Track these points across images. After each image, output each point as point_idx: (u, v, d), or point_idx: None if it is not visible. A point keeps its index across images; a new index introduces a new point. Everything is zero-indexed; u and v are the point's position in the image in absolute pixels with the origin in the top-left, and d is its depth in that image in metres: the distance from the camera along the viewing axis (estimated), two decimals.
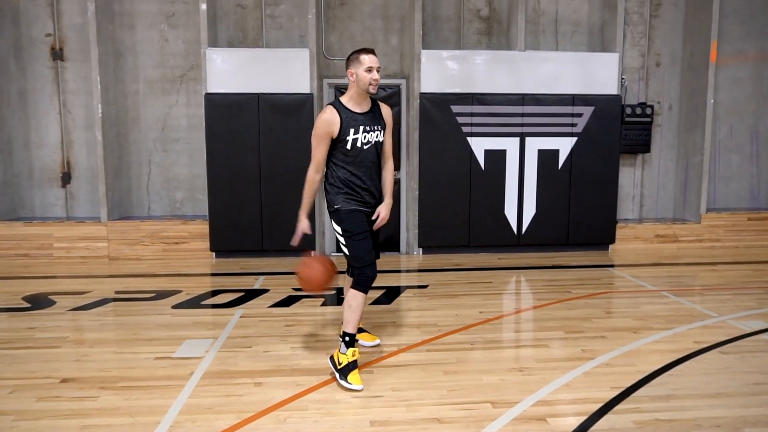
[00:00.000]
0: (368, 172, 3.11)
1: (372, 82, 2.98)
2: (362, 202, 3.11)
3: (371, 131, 3.07)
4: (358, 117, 3.03)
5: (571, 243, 6.62)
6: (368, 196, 3.13)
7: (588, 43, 6.90)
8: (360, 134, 3.03)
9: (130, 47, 6.49)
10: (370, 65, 2.98)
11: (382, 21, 6.66)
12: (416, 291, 4.90)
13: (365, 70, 2.98)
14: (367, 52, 3.00)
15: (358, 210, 3.10)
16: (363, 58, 2.98)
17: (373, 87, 3.00)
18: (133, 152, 6.66)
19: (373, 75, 2.98)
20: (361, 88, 3.00)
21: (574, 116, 6.45)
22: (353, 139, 3.01)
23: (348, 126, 3.00)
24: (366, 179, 3.10)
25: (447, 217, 6.47)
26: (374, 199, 3.18)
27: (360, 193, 3.09)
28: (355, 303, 3.04)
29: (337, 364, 2.99)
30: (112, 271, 5.84)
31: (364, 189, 3.10)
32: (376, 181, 3.19)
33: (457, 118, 6.34)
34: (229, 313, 4.26)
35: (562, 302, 4.49)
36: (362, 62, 2.98)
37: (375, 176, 3.17)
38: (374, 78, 2.98)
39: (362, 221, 3.10)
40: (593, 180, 6.54)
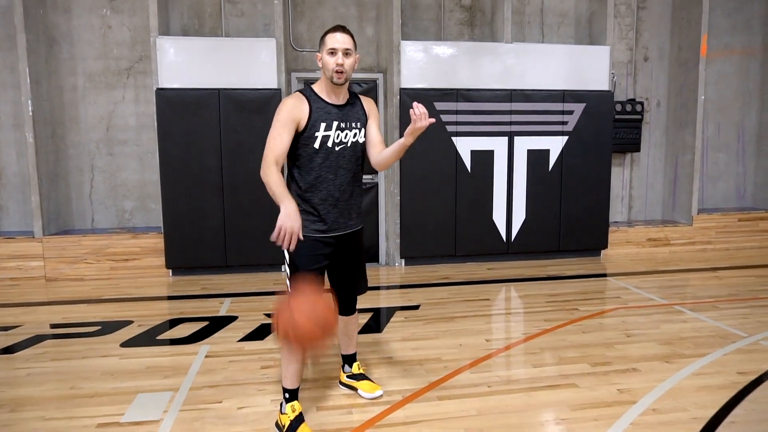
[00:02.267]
0: (340, 182, 2.46)
1: (335, 68, 2.35)
2: (326, 226, 2.46)
3: (347, 129, 2.45)
4: (331, 110, 2.42)
5: (562, 249, 6.19)
6: (336, 214, 2.47)
7: (575, 35, 6.48)
8: (332, 131, 2.40)
9: (65, 34, 5.61)
10: (333, 46, 2.36)
11: (355, 8, 6.03)
12: (408, 313, 4.32)
13: (328, 53, 2.38)
14: (333, 31, 2.40)
15: (317, 239, 2.45)
16: (326, 39, 2.39)
17: (338, 76, 2.36)
18: (72, 156, 5.78)
19: (336, 58, 2.35)
20: (327, 77, 2.41)
21: (564, 113, 6.01)
22: (323, 137, 2.39)
23: (318, 119, 2.39)
24: (336, 191, 2.45)
25: (431, 224, 5.92)
26: (347, 220, 2.53)
27: (325, 212, 2.45)
28: (287, 354, 2.45)
29: (281, 427, 2.45)
30: (49, 295, 5.00)
31: (332, 205, 2.45)
32: (350, 196, 2.51)
33: (440, 116, 5.79)
34: (192, 351, 3.56)
35: (574, 323, 4.01)
36: (325, 43, 2.39)
37: (350, 189, 2.51)
38: (337, 62, 2.34)
39: (318, 254, 2.45)
40: (585, 182, 6.13)
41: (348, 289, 2.71)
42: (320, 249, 2.48)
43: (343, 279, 2.67)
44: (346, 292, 2.71)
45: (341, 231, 2.54)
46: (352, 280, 2.70)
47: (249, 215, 5.47)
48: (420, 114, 2.23)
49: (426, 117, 2.23)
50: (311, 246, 2.45)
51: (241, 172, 5.44)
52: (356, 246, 2.65)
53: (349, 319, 2.80)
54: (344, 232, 2.55)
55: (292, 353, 2.41)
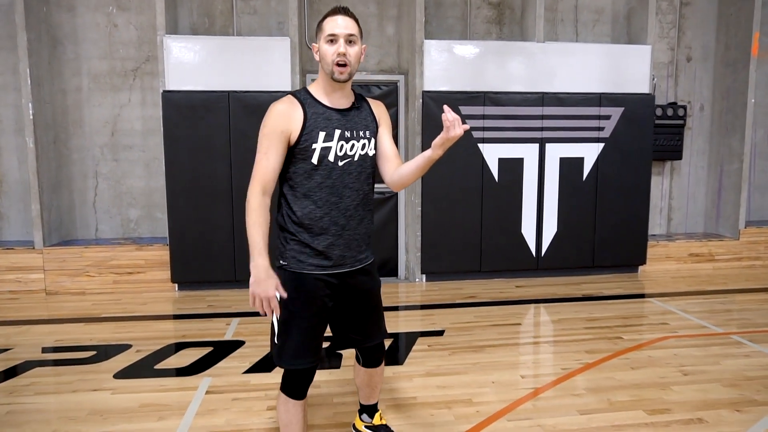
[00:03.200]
0: (346, 205, 1.95)
1: (337, 59, 1.86)
2: (328, 260, 1.96)
3: (353, 139, 1.95)
4: (332, 115, 1.92)
5: (597, 265, 5.72)
6: (342, 247, 1.97)
7: (612, 33, 6.01)
8: (334, 141, 1.91)
9: (69, 33, 5.31)
10: (332, 32, 1.87)
11: (375, 6, 5.63)
12: (431, 341, 3.91)
13: (326, 42, 1.89)
14: (333, 13, 1.91)
15: (316, 276, 1.95)
16: (325, 23, 1.91)
17: (339, 70, 1.88)
18: (75, 161, 5.48)
19: (337, 47, 1.86)
20: (326, 71, 1.91)
21: (600, 119, 5.54)
22: (323, 149, 1.89)
23: (315, 127, 1.89)
24: (341, 217, 1.95)
25: (455, 238, 5.49)
26: (356, 254, 2.03)
27: (328, 245, 1.95)
28: (285, 416, 2.02)
29: None
30: (49, 311, 4.69)
31: (336, 235, 1.95)
32: (359, 223, 2.01)
33: (466, 120, 5.36)
34: (192, 385, 3.19)
35: (619, 356, 3.56)
36: (323, 29, 1.91)
37: (359, 214, 2.00)
38: (338, 52, 1.86)
39: (318, 297, 1.96)
40: (622, 192, 5.65)
41: (357, 337, 2.17)
42: (321, 290, 1.97)
43: (351, 326, 2.14)
44: (366, 342, 2.20)
45: (348, 267, 2.02)
46: (362, 326, 2.16)
47: None
48: (453, 120, 1.78)
49: (460, 124, 1.79)
50: (310, 285, 1.95)
51: None
52: (369, 285, 2.12)
53: (374, 371, 2.32)
54: (352, 268, 2.04)
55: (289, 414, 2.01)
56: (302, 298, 1.94)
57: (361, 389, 2.41)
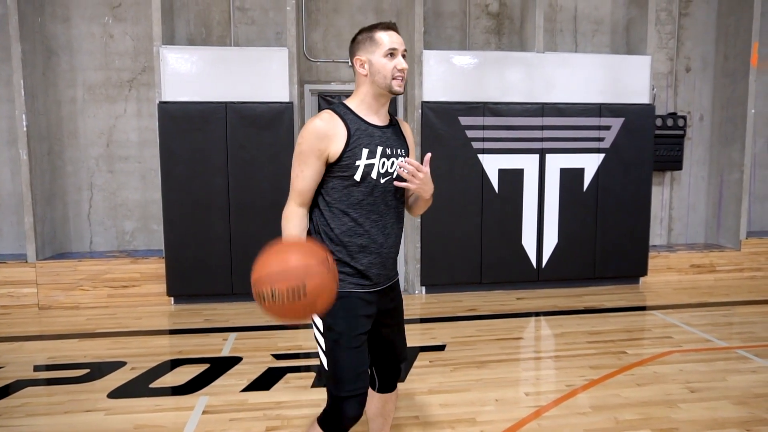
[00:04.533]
0: (385, 223, 1.90)
1: (397, 75, 1.83)
2: (367, 280, 1.89)
3: (394, 156, 1.88)
4: (374, 131, 1.86)
5: (598, 276, 5.66)
6: (379, 266, 1.91)
7: (611, 44, 5.99)
8: (377, 159, 1.84)
9: (64, 44, 5.25)
10: (393, 46, 1.83)
11: (374, 15, 5.60)
12: (433, 356, 3.84)
13: (385, 55, 1.82)
14: (386, 28, 1.86)
15: (358, 295, 1.88)
16: (380, 37, 1.83)
17: (398, 83, 1.84)
18: (69, 173, 5.40)
19: (398, 63, 1.83)
20: (380, 85, 1.84)
21: (601, 129, 5.51)
22: (366, 166, 1.82)
23: (359, 144, 1.82)
24: (380, 235, 1.89)
25: (454, 249, 5.43)
26: (389, 272, 1.97)
27: (367, 264, 1.88)
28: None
29: None
30: (41, 327, 4.60)
31: (375, 254, 1.89)
32: (395, 241, 1.97)
33: (466, 131, 5.32)
34: (188, 404, 3.11)
35: (625, 372, 3.49)
36: (379, 43, 1.83)
37: (395, 232, 1.95)
38: (400, 68, 1.83)
39: (361, 316, 1.88)
40: (623, 203, 5.61)
41: (391, 357, 2.09)
42: (363, 308, 1.89)
43: (382, 347, 2.06)
44: (387, 363, 2.10)
45: (383, 285, 1.96)
46: (393, 346, 2.08)
47: (258, 239, 4.99)
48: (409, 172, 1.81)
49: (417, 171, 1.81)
50: (353, 303, 1.87)
51: (250, 193, 5.02)
52: (398, 302, 2.08)
53: (388, 397, 2.16)
54: (385, 286, 1.97)
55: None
56: (349, 318, 1.86)
57: (372, 421, 2.21)
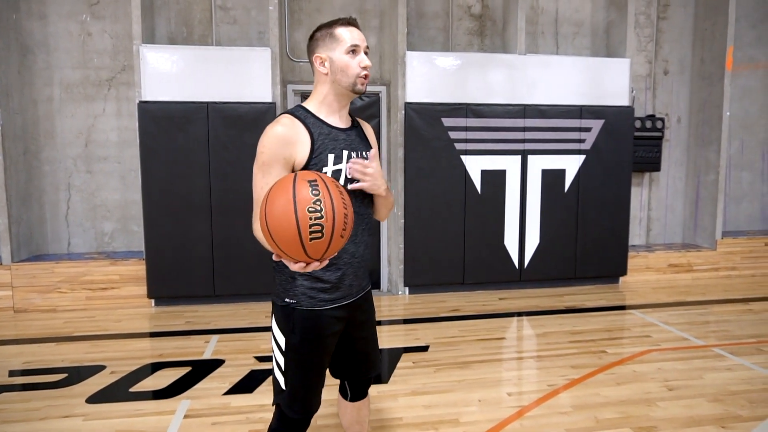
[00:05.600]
0: (355, 231, 1.81)
1: (360, 73, 1.76)
2: (338, 292, 1.81)
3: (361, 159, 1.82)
4: (338, 135, 1.78)
5: (579, 276, 5.73)
6: (351, 275, 1.84)
7: (591, 46, 6.07)
8: (343, 163, 1.75)
9: (41, 42, 5.15)
10: (355, 43, 1.75)
11: (358, 16, 5.59)
12: (416, 357, 3.85)
13: (347, 52, 1.75)
14: (346, 24, 1.78)
15: (328, 313, 1.79)
16: (340, 34, 1.76)
17: (362, 82, 1.77)
18: (47, 173, 5.30)
19: (361, 60, 1.76)
20: (342, 84, 1.76)
21: (582, 131, 5.58)
22: (334, 172, 1.73)
23: (324, 148, 1.72)
24: (350, 245, 1.80)
25: (438, 250, 5.45)
26: (362, 281, 1.90)
27: (339, 275, 1.80)
28: None
29: None
30: (17, 330, 4.50)
31: (347, 264, 1.81)
32: (366, 247, 1.88)
33: (449, 132, 5.35)
34: (169, 408, 3.07)
35: (605, 371, 3.55)
36: (340, 39, 1.75)
37: (365, 238, 1.86)
38: (364, 65, 1.76)
39: (328, 336, 1.80)
40: (603, 204, 5.69)
41: (363, 369, 2.01)
42: (332, 326, 1.81)
43: (355, 360, 1.98)
44: (359, 375, 2.02)
45: (355, 296, 1.88)
46: (367, 358, 2.00)
47: (240, 240, 4.99)
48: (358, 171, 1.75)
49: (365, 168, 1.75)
50: (324, 323, 1.79)
51: (232, 193, 4.97)
52: (370, 313, 2.00)
53: (362, 403, 2.09)
54: (358, 297, 1.90)
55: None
56: (315, 339, 1.78)
57: (349, 429, 2.14)
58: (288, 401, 1.81)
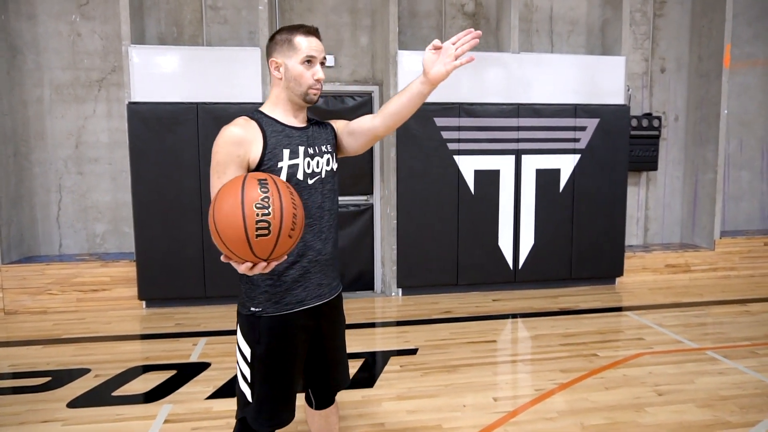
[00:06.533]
0: (322, 227, 1.78)
1: (313, 85, 1.75)
2: (305, 293, 1.77)
3: (317, 155, 1.79)
4: (293, 132, 1.76)
5: (574, 277, 5.67)
6: (319, 275, 1.79)
7: (587, 44, 6.00)
8: (301, 158, 1.73)
9: (30, 42, 5.12)
10: (311, 54, 1.74)
11: (349, 15, 5.54)
12: (404, 360, 3.80)
13: (302, 62, 1.74)
14: (306, 33, 1.76)
15: (296, 317, 1.75)
16: (299, 42, 1.73)
17: (315, 92, 1.76)
18: (37, 175, 5.28)
19: (315, 71, 1.75)
20: (294, 92, 1.76)
21: (576, 130, 5.51)
22: (290, 167, 1.71)
23: (277, 145, 1.71)
24: (317, 241, 1.77)
25: (431, 251, 5.40)
26: (331, 281, 1.85)
27: (304, 274, 1.76)
28: None
29: None
30: (6, 332, 4.48)
31: (313, 262, 1.77)
32: (334, 245, 1.84)
33: (441, 132, 5.29)
34: (150, 413, 3.04)
35: (594, 375, 3.49)
36: (297, 48, 1.73)
37: (333, 235, 1.83)
38: (317, 77, 1.75)
39: (297, 344, 1.77)
40: (599, 204, 5.62)
41: (330, 379, 1.97)
42: (301, 332, 1.78)
43: (323, 370, 1.93)
44: (325, 385, 1.98)
45: (325, 298, 1.83)
46: (336, 369, 1.96)
47: None
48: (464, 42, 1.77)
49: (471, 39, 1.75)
50: (291, 329, 1.75)
51: None
52: (340, 320, 1.95)
53: (330, 410, 2.04)
54: (328, 299, 1.85)
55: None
56: (283, 348, 1.74)
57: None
58: (254, 414, 1.76)
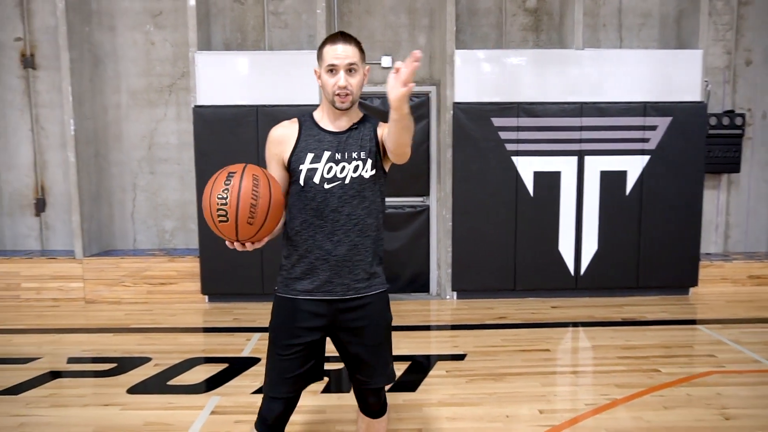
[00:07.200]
0: (332, 229, 1.86)
1: (338, 91, 1.81)
2: (311, 285, 1.88)
3: (344, 161, 1.86)
4: (325, 137, 1.88)
5: (641, 286, 5.33)
6: (328, 271, 1.86)
7: (660, 38, 5.62)
8: (321, 163, 1.85)
9: (110, 52, 5.52)
10: (332, 63, 1.80)
11: (407, 16, 5.53)
12: (451, 365, 3.73)
13: (326, 71, 1.83)
14: (333, 41, 1.84)
15: (302, 303, 1.88)
16: (325, 52, 1.83)
17: (340, 100, 1.82)
18: (114, 175, 5.68)
19: (337, 80, 1.80)
20: (327, 100, 1.87)
21: (646, 129, 5.18)
22: (309, 170, 1.85)
23: (305, 148, 1.87)
24: (326, 242, 1.86)
25: (487, 254, 5.27)
26: (350, 282, 1.89)
27: (312, 267, 1.87)
28: None
29: None
30: (85, 320, 4.86)
31: (321, 259, 1.86)
32: (352, 250, 1.88)
33: (499, 133, 5.15)
34: (199, 403, 3.18)
35: (654, 392, 3.26)
36: (324, 58, 1.84)
37: (351, 240, 1.87)
38: (340, 86, 1.80)
39: (299, 327, 1.88)
40: (670, 208, 5.25)
41: (360, 380, 2.00)
42: (305, 319, 1.88)
43: (347, 363, 2.01)
44: (358, 386, 2.04)
45: (340, 295, 1.89)
46: (357, 364, 1.98)
47: None
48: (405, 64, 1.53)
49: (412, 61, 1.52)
50: (294, 311, 1.88)
51: None
52: (364, 322, 1.93)
53: (372, 422, 2.07)
54: (345, 296, 1.90)
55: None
56: (285, 324, 1.90)
57: None
58: (264, 378, 1.97)
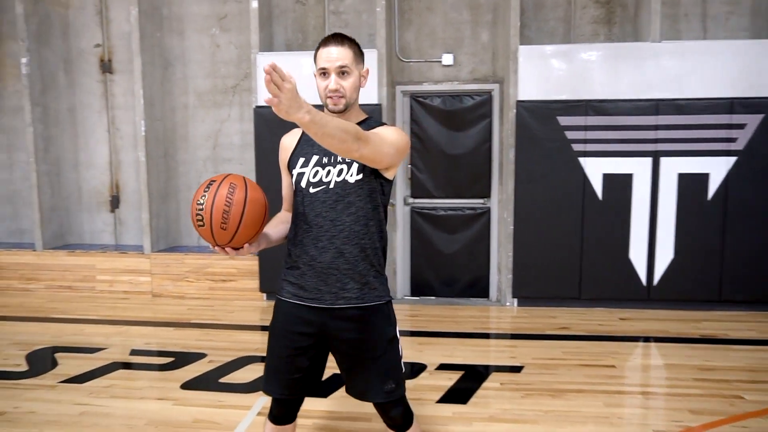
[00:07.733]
0: (316, 234, 1.81)
1: (329, 94, 1.80)
2: (302, 291, 1.85)
3: (329, 165, 1.82)
4: (316, 142, 1.79)
5: (724, 300, 4.87)
6: (313, 279, 1.82)
7: (751, 27, 5.11)
8: (309, 167, 1.85)
9: (179, 55, 5.73)
10: (323, 66, 1.80)
11: (469, 12, 5.35)
12: (506, 377, 3.54)
13: (318, 74, 1.83)
14: (325, 43, 1.81)
15: (290, 308, 1.88)
16: (318, 55, 1.83)
17: (333, 102, 1.80)
18: (181, 174, 5.90)
19: (328, 82, 1.79)
20: (321, 101, 1.86)
21: (732, 128, 4.72)
22: (298, 175, 1.88)
23: (299, 153, 1.91)
24: (311, 247, 1.82)
25: (550, 260, 5.00)
26: (333, 289, 1.82)
27: (301, 273, 1.85)
28: None
29: None
30: (151, 313, 5.06)
31: (307, 265, 1.83)
32: (337, 257, 1.81)
33: (565, 132, 4.87)
34: (247, 403, 3.19)
35: (734, 422, 2.92)
36: (317, 60, 1.83)
37: (335, 247, 1.81)
38: (330, 89, 1.78)
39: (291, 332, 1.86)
40: (761, 215, 4.76)
41: (352, 390, 1.94)
42: (295, 323, 1.87)
43: (344, 376, 1.95)
44: (353, 394, 1.95)
45: (328, 303, 1.82)
46: (346, 376, 1.93)
47: None
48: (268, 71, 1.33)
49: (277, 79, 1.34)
50: (285, 314, 1.91)
51: None
52: (365, 335, 1.85)
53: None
54: (333, 305, 1.83)
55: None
56: (276, 326, 1.95)
57: None
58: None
